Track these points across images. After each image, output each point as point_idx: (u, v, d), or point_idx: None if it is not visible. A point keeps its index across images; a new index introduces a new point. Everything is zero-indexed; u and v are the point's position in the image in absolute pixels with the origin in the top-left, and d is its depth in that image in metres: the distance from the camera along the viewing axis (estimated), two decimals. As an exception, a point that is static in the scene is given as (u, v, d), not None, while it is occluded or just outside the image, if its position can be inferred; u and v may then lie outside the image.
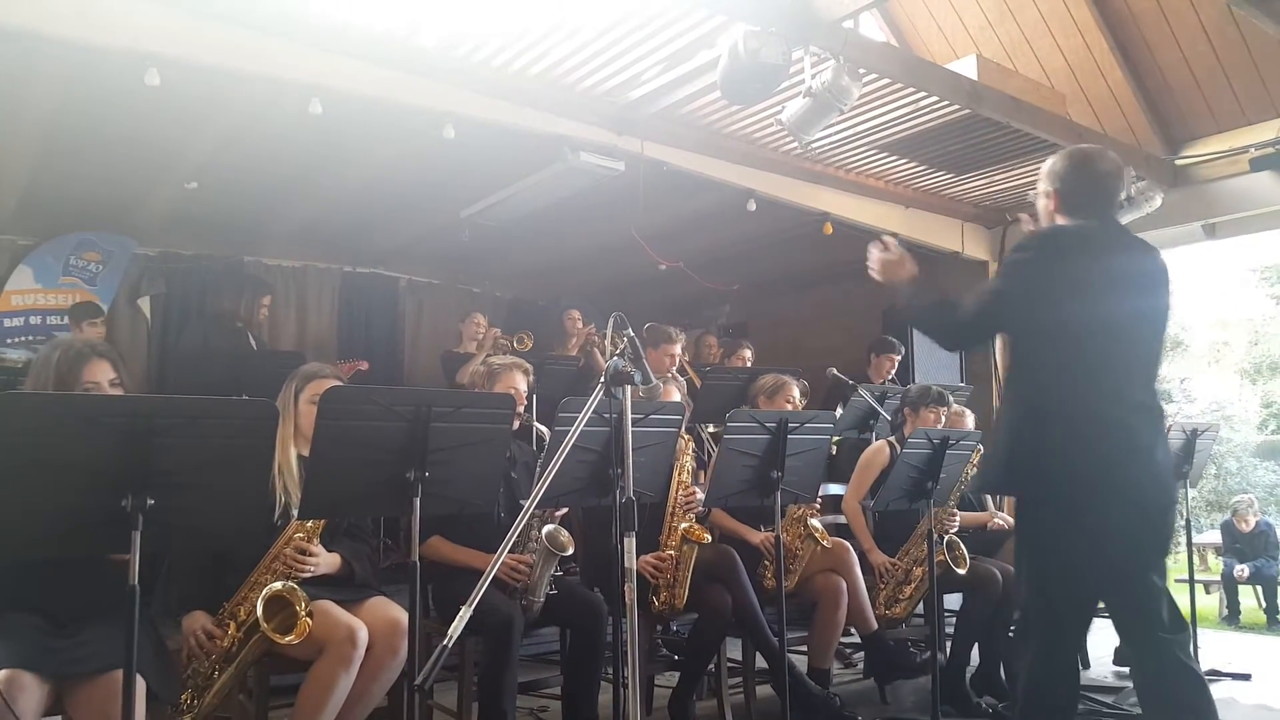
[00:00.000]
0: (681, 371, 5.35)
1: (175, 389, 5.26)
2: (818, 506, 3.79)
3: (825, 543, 3.70)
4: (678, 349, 5.14)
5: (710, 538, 3.42)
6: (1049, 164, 2.60)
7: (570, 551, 2.97)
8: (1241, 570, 8.33)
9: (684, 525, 3.33)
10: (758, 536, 3.70)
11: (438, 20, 3.67)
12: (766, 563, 3.66)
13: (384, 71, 3.85)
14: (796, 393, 3.96)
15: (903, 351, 5.88)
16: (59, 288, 5.92)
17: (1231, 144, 5.51)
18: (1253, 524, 8.54)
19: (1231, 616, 8.40)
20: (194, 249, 6.50)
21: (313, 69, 3.70)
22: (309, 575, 2.49)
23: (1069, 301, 2.36)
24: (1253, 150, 5.33)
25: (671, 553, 3.32)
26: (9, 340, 5.76)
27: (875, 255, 2.69)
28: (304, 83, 3.71)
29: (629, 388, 2.28)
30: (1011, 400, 2.51)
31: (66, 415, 1.79)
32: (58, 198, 5.48)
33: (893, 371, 5.85)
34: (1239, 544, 8.54)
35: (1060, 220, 2.53)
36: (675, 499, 3.39)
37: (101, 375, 2.26)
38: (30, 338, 5.79)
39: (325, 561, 2.57)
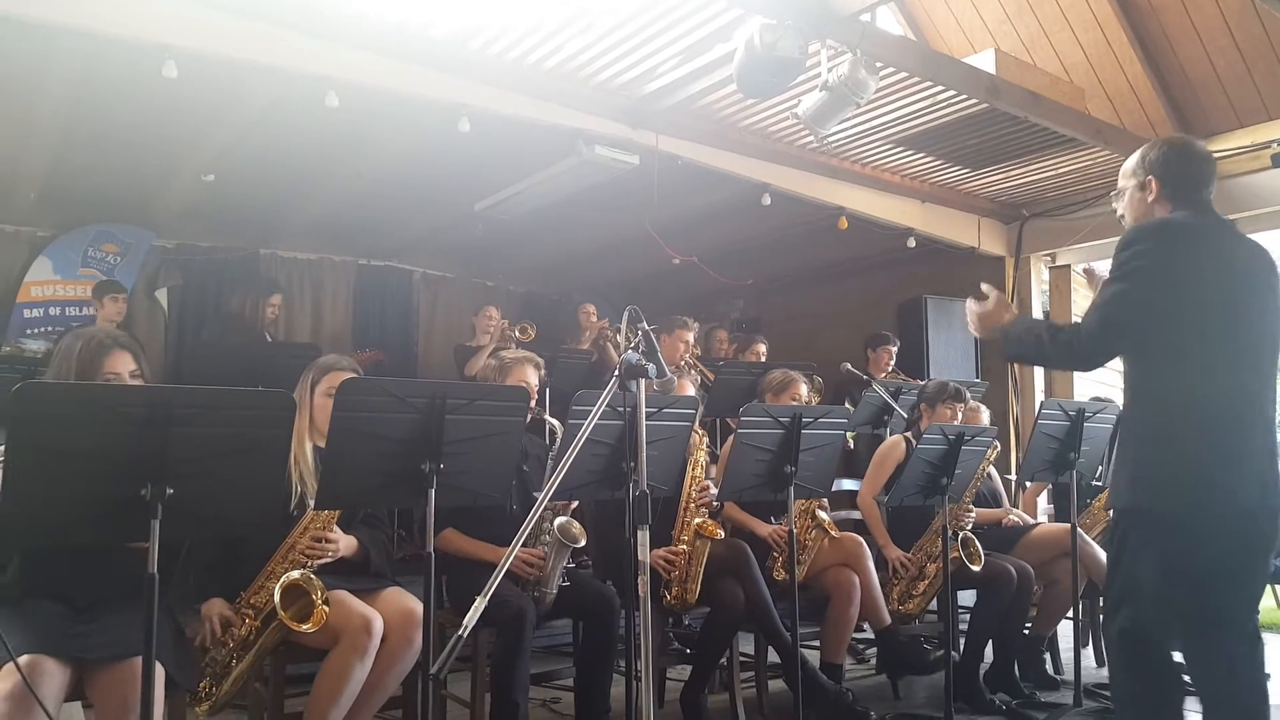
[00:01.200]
0: (691, 366, 5.35)
1: (191, 381, 5.29)
2: (825, 500, 3.78)
3: (833, 532, 3.69)
4: (691, 336, 5.19)
5: (723, 533, 3.41)
6: (1139, 155, 2.45)
7: (582, 543, 2.98)
8: None
9: (697, 521, 3.33)
10: (766, 529, 3.69)
11: (453, 13, 3.67)
12: (775, 554, 3.66)
13: (400, 64, 3.86)
14: (804, 390, 3.95)
15: (898, 342, 5.87)
16: (78, 279, 5.97)
17: (1253, 139, 5.44)
18: None
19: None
20: (211, 241, 6.56)
21: (329, 62, 3.72)
22: (330, 559, 2.51)
23: (1196, 298, 2.21)
24: (1275, 146, 5.27)
25: (684, 548, 3.32)
26: (29, 331, 5.83)
27: (972, 309, 2.56)
28: (320, 75, 3.73)
29: (643, 381, 2.28)
30: (1146, 412, 2.30)
31: (87, 405, 1.81)
32: (76, 190, 5.53)
33: (891, 363, 5.83)
34: None
35: (1162, 213, 2.36)
36: (689, 493, 3.39)
37: (122, 366, 2.28)
38: (50, 328, 5.85)
39: (344, 544, 2.59)
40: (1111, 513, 2.53)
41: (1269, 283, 2.32)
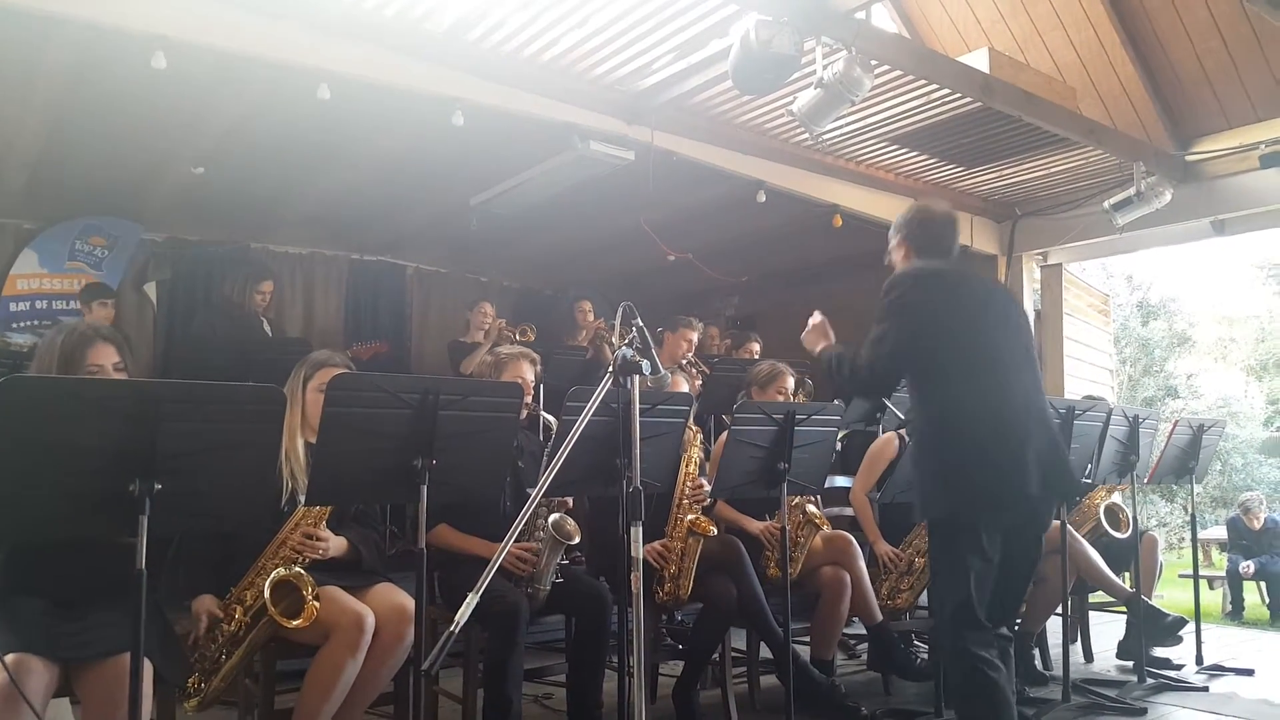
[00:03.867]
0: (692, 364, 5.36)
1: (181, 375, 5.26)
2: (816, 496, 3.78)
3: (825, 527, 3.70)
4: (695, 336, 5.19)
5: (716, 530, 3.41)
6: (896, 220, 2.93)
7: (576, 540, 2.97)
8: (1247, 566, 8.31)
9: (690, 517, 3.32)
10: (756, 526, 3.69)
11: (448, 5, 3.65)
12: (767, 552, 3.66)
13: (393, 57, 3.83)
14: (791, 383, 3.93)
15: None
16: (64, 272, 5.92)
17: (1242, 140, 5.48)
18: (1262, 520, 8.53)
19: (1235, 612, 8.40)
20: (201, 235, 6.50)
21: (321, 54, 3.69)
22: (319, 558, 2.50)
23: (954, 326, 2.58)
24: (1263, 147, 5.30)
25: (677, 544, 3.32)
26: (14, 325, 5.77)
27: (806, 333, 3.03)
28: (312, 67, 3.70)
29: (637, 377, 2.27)
30: (926, 429, 2.64)
31: (74, 398, 1.79)
32: (64, 181, 5.47)
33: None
34: (1245, 540, 8.52)
35: (914, 263, 2.79)
36: (682, 490, 3.39)
37: (105, 359, 2.26)
38: (35, 322, 5.80)
39: (334, 545, 2.57)
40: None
41: (1010, 309, 2.77)
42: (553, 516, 2.95)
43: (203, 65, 3.69)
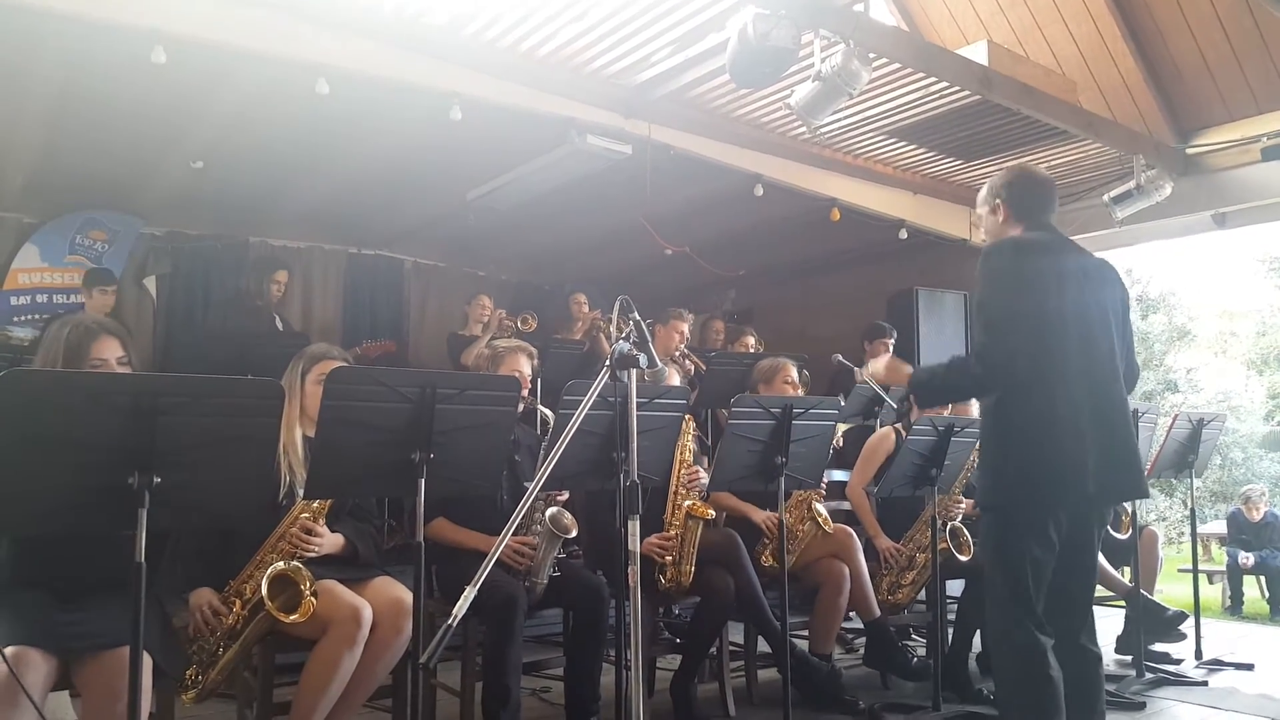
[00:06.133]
0: (685, 356, 5.36)
1: (181, 369, 5.27)
2: (823, 492, 3.79)
3: (827, 528, 3.70)
4: (686, 327, 5.19)
5: (714, 514, 3.42)
6: (990, 183, 2.71)
7: (573, 534, 2.98)
8: (1246, 559, 8.32)
9: (688, 503, 3.33)
10: (761, 515, 3.71)
11: None
12: (765, 540, 3.67)
13: (391, 51, 3.83)
14: (794, 372, 3.94)
15: (895, 335, 5.87)
16: (65, 266, 5.93)
17: (1243, 133, 5.47)
18: (1262, 513, 8.53)
19: (1235, 606, 8.40)
20: (200, 229, 6.50)
21: (320, 48, 3.69)
22: (313, 555, 2.50)
23: (1046, 299, 2.42)
24: (1264, 139, 5.30)
25: (675, 531, 3.32)
26: (15, 319, 5.78)
27: (876, 369, 2.90)
28: (311, 62, 3.70)
29: (634, 371, 2.27)
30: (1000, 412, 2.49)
31: (73, 392, 1.79)
32: (64, 176, 5.47)
33: (888, 356, 5.82)
34: (1245, 534, 8.53)
35: (1012, 231, 2.61)
36: (678, 478, 3.40)
37: (109, 352, 2.26)
38: (36, 316, 5.80)
39: (329, 542, 2.58)
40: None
41: (1112, 285, 2.58)
42: (550, 511, 2.96)
43: (202, 60, 3.69)
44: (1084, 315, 2.47)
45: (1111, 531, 4.30)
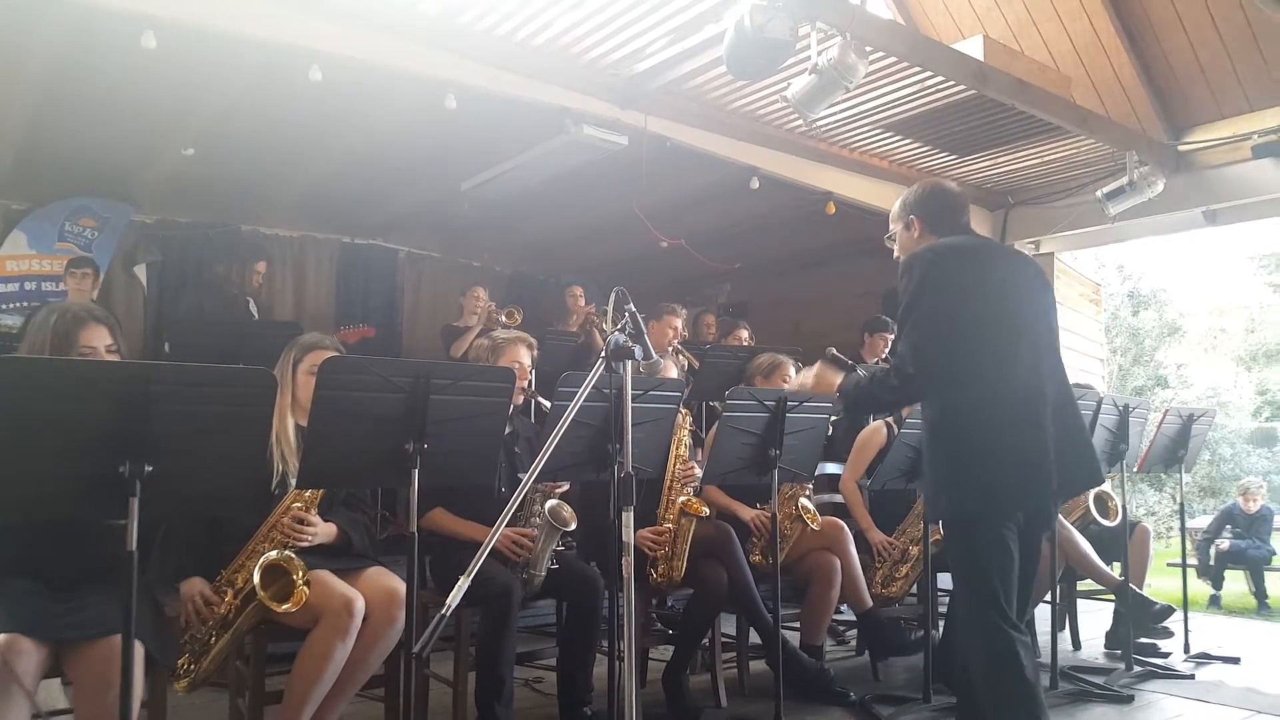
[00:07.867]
0: (678, 352, 5.35)
1: (171, 357, 5.25)
2: (810, 487, 3.79)
3: (814, 525, 3.70)
4: (679, 322, 5.18)
5: (708, 511, 3.42)
6: (900, 199, 2.69)
7: (573, 527, 2.97)
8: (1223, 542, 8.33)
9: (682, 499, 3.33)
10: (749, 513, 3.70)
11: (441, -13, 3.62)
12: (754, 540, 3.67)
13: (386, 38, 3.80)
14: (792, 371, 3.95)
15: (895, 329, 5.87)
16: (54, 253, 5.88)
17: (1234, 130, 5.49)
18: (1259, 505, 8.58)
19: (1215, 584, 8.38)
20: (191, 217, 6.47)
21: (313, 35, 3.65)
22: (306, 545, 2.50)
23: (977, 307, 2.39)
24: (1256, 137, 5.32)
25: (669, 526, 3.32)
26: (3, 306, 5.74)
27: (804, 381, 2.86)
28: (304, 48, 3.67)
29: (629, 363, 2.27)
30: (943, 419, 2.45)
31: (62, 380, 1.78)
32: (54, 162, 5.43)
33: (886, 350, 5.84)
34: (1238, 525, 8.57)
35: (928, 239, 2.58)
36: (673, 473, 3.40)
37: (98, 340, 2.25)
38: (25, 303, 5.77)
39: (322, 531, 2.57)
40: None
41: (1035, 282, 2.55)
42: (550, 503, 2.95)
43: (193, 46, 3.66)
44: (1018, 310, 2.45)
45: (1100, 519, 4.32)
